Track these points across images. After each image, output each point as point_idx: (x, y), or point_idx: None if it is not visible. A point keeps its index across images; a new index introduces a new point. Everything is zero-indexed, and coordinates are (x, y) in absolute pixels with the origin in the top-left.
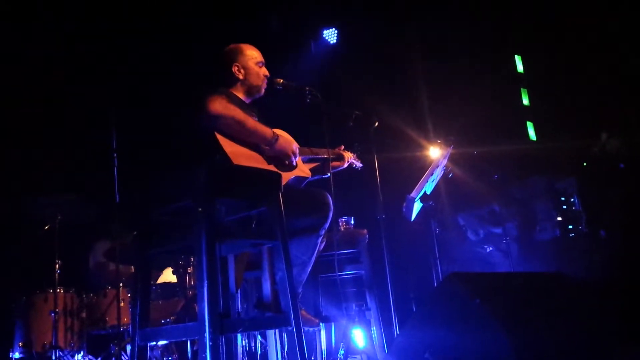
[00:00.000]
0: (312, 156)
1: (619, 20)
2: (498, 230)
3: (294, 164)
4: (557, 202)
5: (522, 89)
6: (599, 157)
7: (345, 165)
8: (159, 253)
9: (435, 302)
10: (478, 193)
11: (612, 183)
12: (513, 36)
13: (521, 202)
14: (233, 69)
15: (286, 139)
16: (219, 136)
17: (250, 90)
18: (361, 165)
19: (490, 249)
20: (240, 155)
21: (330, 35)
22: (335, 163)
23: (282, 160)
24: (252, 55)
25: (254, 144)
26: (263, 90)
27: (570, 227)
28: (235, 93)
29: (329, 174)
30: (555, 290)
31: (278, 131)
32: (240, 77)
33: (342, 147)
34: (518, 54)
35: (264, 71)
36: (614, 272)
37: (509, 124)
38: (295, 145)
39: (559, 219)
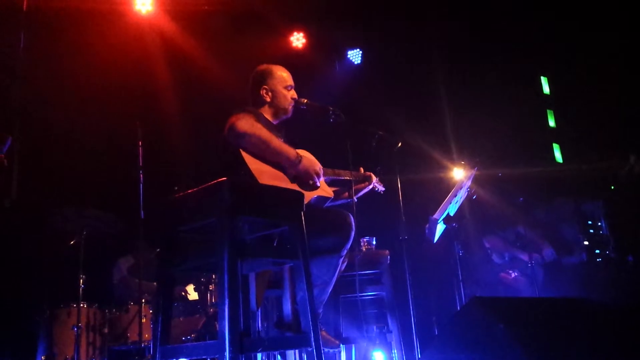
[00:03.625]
0: (335, 177)
1: None
2: (523, 256)
3: (317, 185)
4: (583, 226)
5: (548, 111)
6: (627, 180)
7: (370, 187)
8: (182, 270)
9: (457, 326)
10: (503, 215)
11: None
12: (539, 58)
13: (547, 225)
14: (261, 92)
15: (310, 160)
16: (244, 153)
17: (277, 112)
18: (383, 188)
19: (515, 274)
20: (264, 173)
21: (355, 55)
22: (358, 185)
23: (306, 179)
24: (281, 77)
25: (278, 163)
26: (290, 113)
27: (597, 251)
28: (262, 113)
29: (355, 199)
30: (581, 317)
31: (302, 152)
32: (268, 99)
33: (362, 169)
34: (544, 76)
35: (292, 94)
36: None
37: (535, 145)
38: (318, 167)
39: (586, 243)
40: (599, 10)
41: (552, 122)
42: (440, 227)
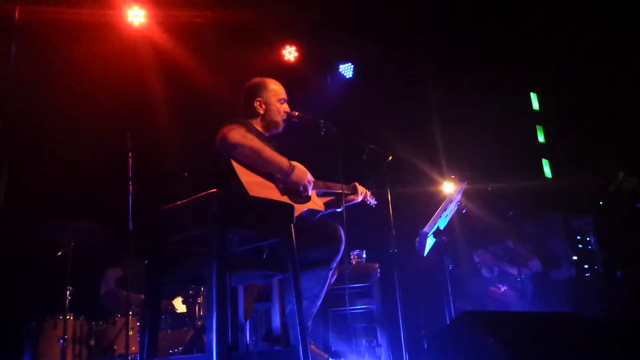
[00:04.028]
0: (326, 190)
1: (636, 58)
2: (512, 270)
3: (309, 193)
4: (572, 241)
5: (537, 126)
6: (616, 196)
7: (359, 199)
8: (170, 282)
9: (447, 340)
10: (492, 230)
11: (629, 222)
12: (529, 73)
13: (536, 240)
14: (255, 104)
15: (302, 170)
16: (235, 164)
17: (269, 125)
18: (375, 202)
19: (505, 288)
20: (255, 184)
21: (347, 69)
22: (349, 197)
23: (297, 192)
24: (275, 90)
25: (270, 173)
26: (281, 128)
27: (586, 266)
28: (254, 125)
29: (342, 208)
30: (570, 331)
31: (293, 163)
32: (261, 111)
33: (356, 183)
34: (534, 92)
35: (284, 107)
36: (631, 314)
37: (524, 160)
38: (310, 177)
39: (575, 258)
40: (587, 26)
41: (541, 138)
42: (430, 241)
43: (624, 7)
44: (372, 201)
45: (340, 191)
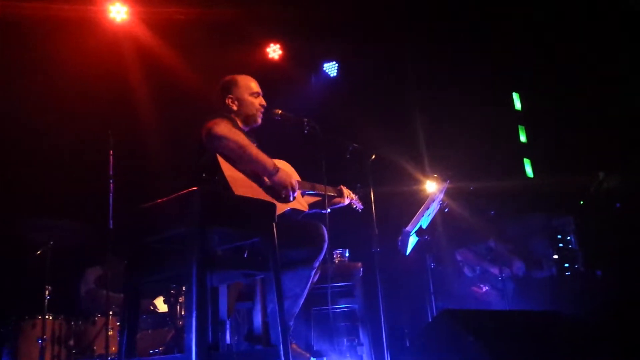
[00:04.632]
0: (312, 191)
1: (617, 58)
2: (494, 269)
3: (291, 199)
4: (553, 240)
5: (519, 126)
6: (596, 196)
7: (345, 203)
8: (149, 281)
9: (428, 338)
10: (474, 229)
11: (609, 222)
12: (511, 73)
13: (517, 239)
14: (227, 101)
15: (287, 173)
16: (220, 159)
17: (246, 120)
18: (362, 207)
19: (486, 288)
20: (238, 180)
21: (331, 68)
22: (335, 200)
23: (280, 191)
24: (246, 86)
25: (254, 171)
26: (259, 120)
27: (567, 265)
28: (235, 120)
29: (328, 210)
30: (551, 330)
31: (280, 162)
32: (235, 108)
33: (342, 186)
34: (516, 92)
35: (260, 101)
36: (610, 312)
37: (506, 160)
38: (294, 180)
39: (555, 257)
40: (569, 27)
41: (523, 138)
42: (412, 240)
43: (604, 9)
44: (359, 205)
45: (326, 193)
